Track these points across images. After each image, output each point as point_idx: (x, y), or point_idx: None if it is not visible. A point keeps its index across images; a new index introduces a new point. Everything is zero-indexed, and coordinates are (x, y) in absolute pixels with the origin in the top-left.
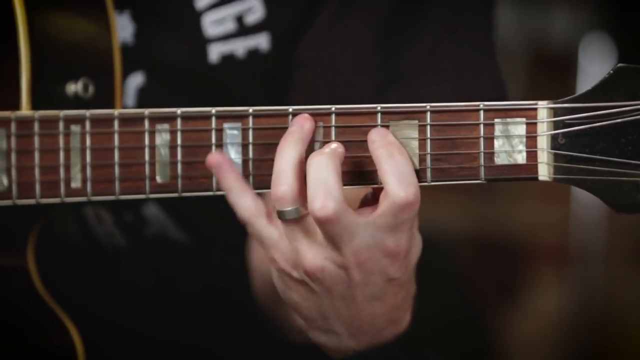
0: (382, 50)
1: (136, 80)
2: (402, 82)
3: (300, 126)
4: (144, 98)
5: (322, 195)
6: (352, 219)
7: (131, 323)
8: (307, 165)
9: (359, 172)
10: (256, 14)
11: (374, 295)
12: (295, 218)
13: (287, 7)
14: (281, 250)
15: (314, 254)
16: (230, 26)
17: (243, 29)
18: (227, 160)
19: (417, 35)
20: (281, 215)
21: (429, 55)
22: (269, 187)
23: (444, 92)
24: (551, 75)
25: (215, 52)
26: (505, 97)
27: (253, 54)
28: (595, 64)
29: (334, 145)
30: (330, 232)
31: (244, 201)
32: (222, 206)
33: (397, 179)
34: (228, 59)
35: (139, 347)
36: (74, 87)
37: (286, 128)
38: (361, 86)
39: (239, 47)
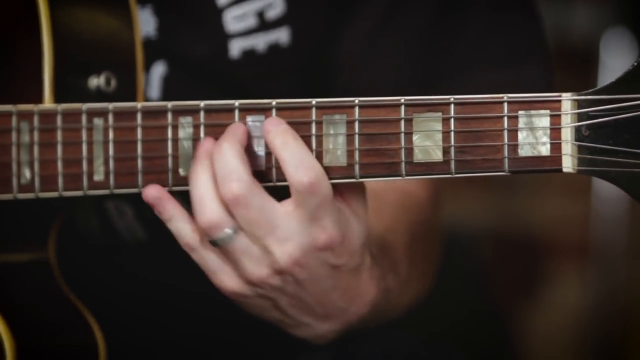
0: (429, 49)
1: (159, 69)
2: (449, 80)
3: (205, 151)
4: (168, 87)
5: (227, 178)
6: (266, 201)
7: (151, 318)
8: (212, 161)
9: (384, 164)
10: (277, 9)
11: (325, 286)
12: (231, 240)
13: (308, 2)
14: (227, 272)
15: (254, 266)
16: (251, 22)
17: (264, 24)
18: (164, 192)
19: (462, 32)
20: (216, 244)
21: (476, 51)
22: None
23: (492, 88)
24: (572, 69)
25: (236, 48)
26: (552, 88)
27: (274, 48)
28: (616, 59)
29: (232, 126)
30: (246, 217)
31: (187, 228)
32: None
33: (294, 165)
34: (249, 54)
35: (159, 342)
36: (96, 81)
37: (310, 121)
38: (410, 86)
39: (260, 42)
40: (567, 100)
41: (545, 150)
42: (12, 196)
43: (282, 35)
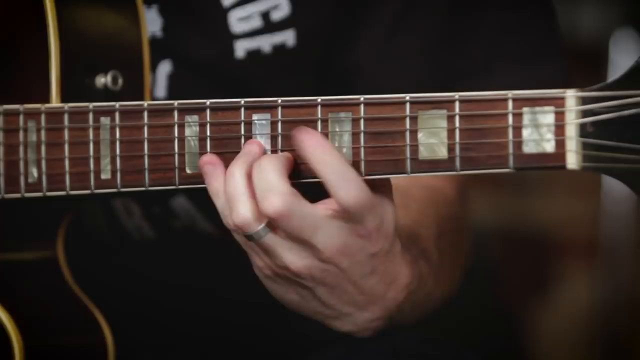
0: (444, 49)
1: (165, 68)
2: (466, 80)
3: (248, 151)
4: (174, 86)
5: (268, 195)
6: (307, 209)
7: (158, 316)
8: (252, 177)
9: (389, 162)
10: (282, 10)
11: (364, 273)
12: (266, 234)
13: (313, 4)
14: (265, 260)
15: (293, 257)
16: (256, 23)
17: (269, 26)
18: (220, 162)
19: (478, 31)
20: (252, 239)
21: (493, 50)
22: (297, 178)
23: (510, 86)
24: (582, 69)
25: (241, 48)
26: (568, 84)
27: (279, 49)
28: (626, 58)
29: (279, 154)
30: (291, 227)
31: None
32: None
33: (336, 181)
34: (254, 55)
35: (167, 340)
36: (103, 80)
37: (316, 119)
38: (425, 87)
39: (265, 43)
40: (571, 96)
41: (549, 147)
42: (19, 195)
43: (288, 37)
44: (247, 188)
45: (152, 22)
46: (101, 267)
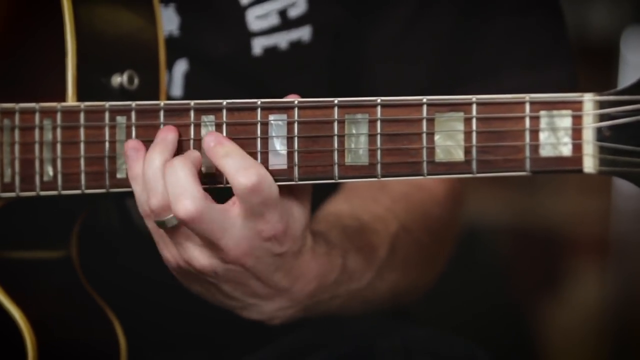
0: (454, 52)
1: (182, 67)
2: (475, 83)
3: (164, 138)
4: (191, 85)
5: (180, 198)
6: (217, 213)
7: (171, 314)
8: (164, 174)
9: (405, 164)
10: (299, 8)
11: (269, 270)
12: (175, 225)
13: (330, 1)
14: (170, 250)
15: (198, 255)
16: (274, 21)
17: (286, 23)
18: (142, 147)
19: (487, 34)
20: (162, 225)
21: (501, 53)
22: (313, 179)
23: (518, 90)
24: (593, 67)
25: (258, 46)
26: (577, 88)
27: (295, 45)
28: (637, 56)
29: (188, 152)
30: (201, 230)
31: (145, 196)
32: None
33: (234, 169)
34: (271, 52)
35: (179, 338)
36: (119, 79)
37: (332, 120)
38: (434, 88)
39: (282, 40)
40: (589, 100)
41: (566, 150)
42: (35, 193)
43: (304, 33)
44: (163, 177)
45: (169, 21)
46: (113, 264)
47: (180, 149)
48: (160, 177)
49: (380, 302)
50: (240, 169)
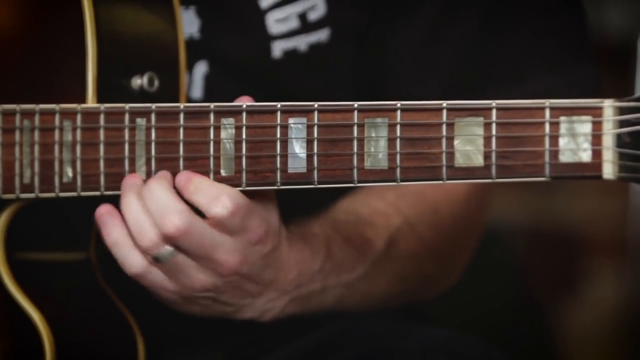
0: (479, 55)
1: (202, 69)
2: (501, 85)
3: (131, 184)
4: (211, 87)
5: (165, 214)
6: (205, 228)
7: (188, 317)
8: (144, 205)
9: (425, 168)
10: (319, 11)
11: (260, 270)
12: (173, 255)
13: (349, 4)
14: (171, 288)
15: (198, 275)
16: (293, 24)
17: (306, 26)
18: (116, 213)
19: (512, 37)
20: (159, 260)
21: (527, 55)
22: (332, 183)
23: (545, 91)
24: (610, 68)
25: (278, 49)
26: (599, 92)
27: (314, 47)
28: None
29: (158, 173)
30: (194, 245)
31: (133, 254)
32: (280, 200)
33: (206, 202)
34: (290, 54)
35: (196, 342)
36: (139, 81)
37: (352, 124)
38: (457, 92)
39: (302, 42)
40: (609, 106)
41: (586, 156)
42: (54, 194)
43: (322, 35)
44: (146, 213)
45: (189, 23)
46: None
47: (199, 152)
48: (143, 213)
49: (385, 298)
50: (212, 200)
